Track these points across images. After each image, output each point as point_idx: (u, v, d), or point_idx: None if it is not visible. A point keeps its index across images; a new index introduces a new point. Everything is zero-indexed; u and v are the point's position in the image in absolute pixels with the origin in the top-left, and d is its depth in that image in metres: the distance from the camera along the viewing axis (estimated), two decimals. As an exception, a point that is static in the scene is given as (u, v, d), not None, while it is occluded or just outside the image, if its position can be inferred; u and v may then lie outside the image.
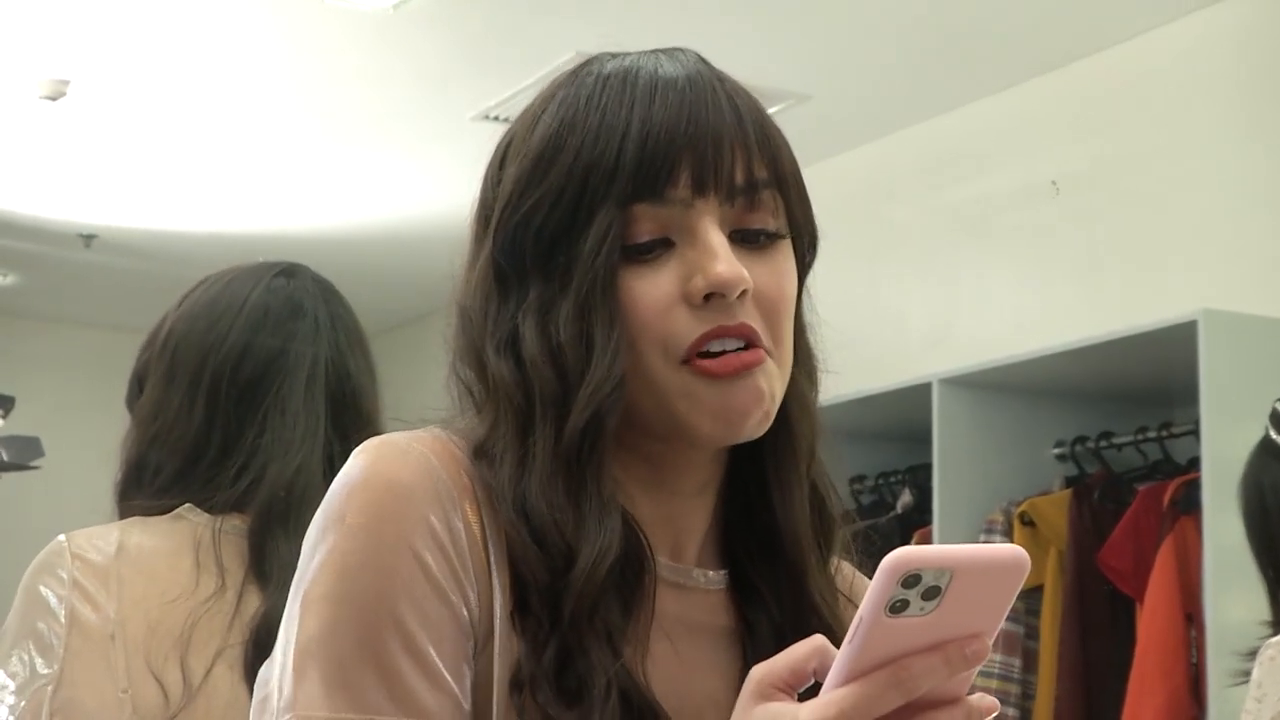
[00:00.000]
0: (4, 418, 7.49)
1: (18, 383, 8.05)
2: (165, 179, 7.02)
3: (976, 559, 1.05)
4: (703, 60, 1.35)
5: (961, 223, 5.89)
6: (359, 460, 1.27)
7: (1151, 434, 4.69)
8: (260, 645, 1.97)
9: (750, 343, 1.29)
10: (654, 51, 1.35)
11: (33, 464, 7.50)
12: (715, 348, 1.28)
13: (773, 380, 1.30)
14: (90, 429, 2.24)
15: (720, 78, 1.34)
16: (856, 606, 1.41)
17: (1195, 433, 4.31)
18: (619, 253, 1.28)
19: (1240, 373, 4.19)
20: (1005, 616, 1.10)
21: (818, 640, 1.15)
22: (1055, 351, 4.61)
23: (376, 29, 5.45)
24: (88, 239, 7.75)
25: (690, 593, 1.36)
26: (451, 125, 6.15)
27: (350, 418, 2.19)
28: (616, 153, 1.28)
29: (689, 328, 1.28)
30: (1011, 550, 1.07)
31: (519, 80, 5.66)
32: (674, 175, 1.28)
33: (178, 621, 1.98)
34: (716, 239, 1.28)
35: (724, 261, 1.27)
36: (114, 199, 7.27)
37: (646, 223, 1.29)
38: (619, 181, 1.28)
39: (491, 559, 1.26)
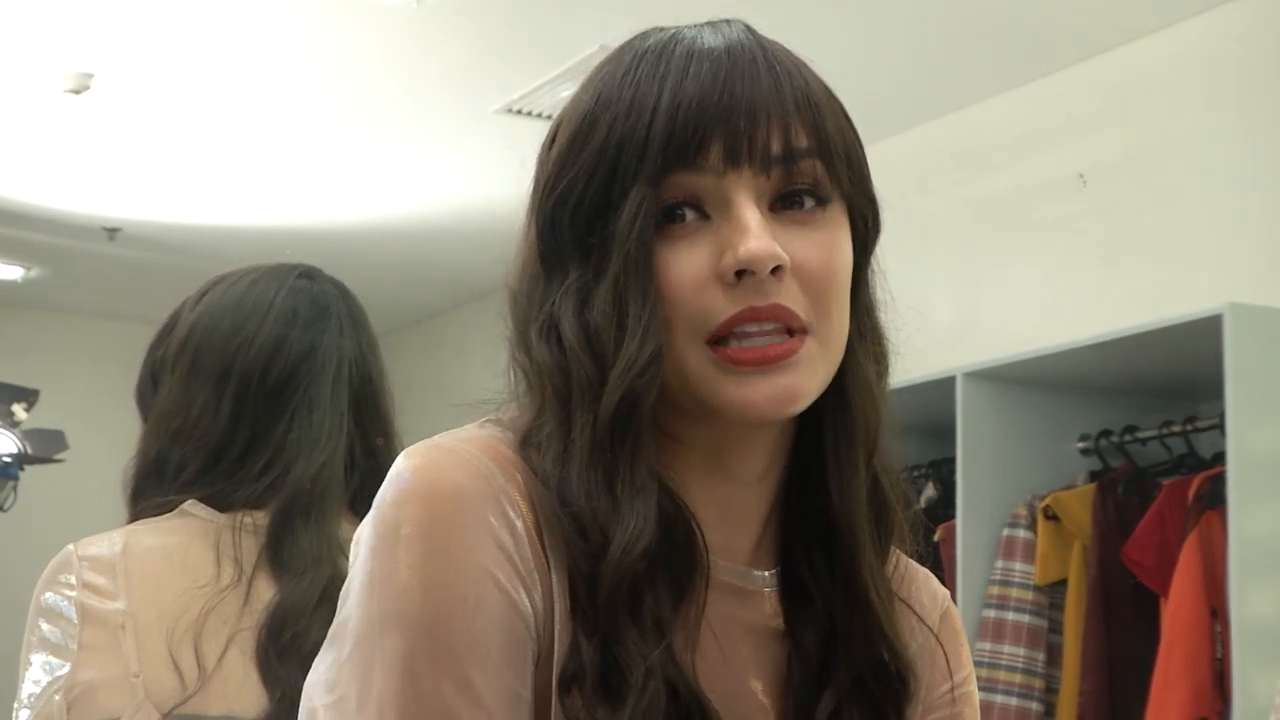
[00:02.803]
0: (28, 411, 7.52)
1: (41, 376, 8.08)
2: (189, 172, 7.03)
3: None
4: (749, 30, 1.31)
5: (987, 216, 5.88)
6: (409, 465, 1.23)
7: (1176, 428, 4.68)
8: (274, 632, 2.00)
9: (787, 326, 1.24)
10: (701, 24, 1.31)
11: (56, 457, 7.53)
12: (750, 328, 1.24)
13: (811, 367, 1.26)
14: (114, 422, 2.25)
15: (764, 46, 1.30)
16: (911, 610, 1.40)
17: (1220, 427, 4.30)
18: (653, 229, 1.24)
19: (1266, 367, 4.18)
20: None
21: None
22: (1080, 345, 4.59)
23: (401, 21, 5.45)
24: (112, 232, 7.76)
25: (742, 593, 1.33)
26: (477, 118, 6.15)
27: (370, 416, 2.22)
28: (647, 127, 1.24)
29: (721, 306, 1.23)
30: None
31: (544, 73, 5.66)
32: (705, 147, 1.24)
33: (190, 608, 2.01)
34: (749, 213, 1.24)
35: (755, 237, 1.22)
36: (138, 192, 7.28)
37: (678, 190, 1.25)
38: (650, 157, 1.24)
39: (550, 560, 1.23)
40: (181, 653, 1.98)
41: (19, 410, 7.53)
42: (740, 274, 1.23)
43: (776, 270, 1.24)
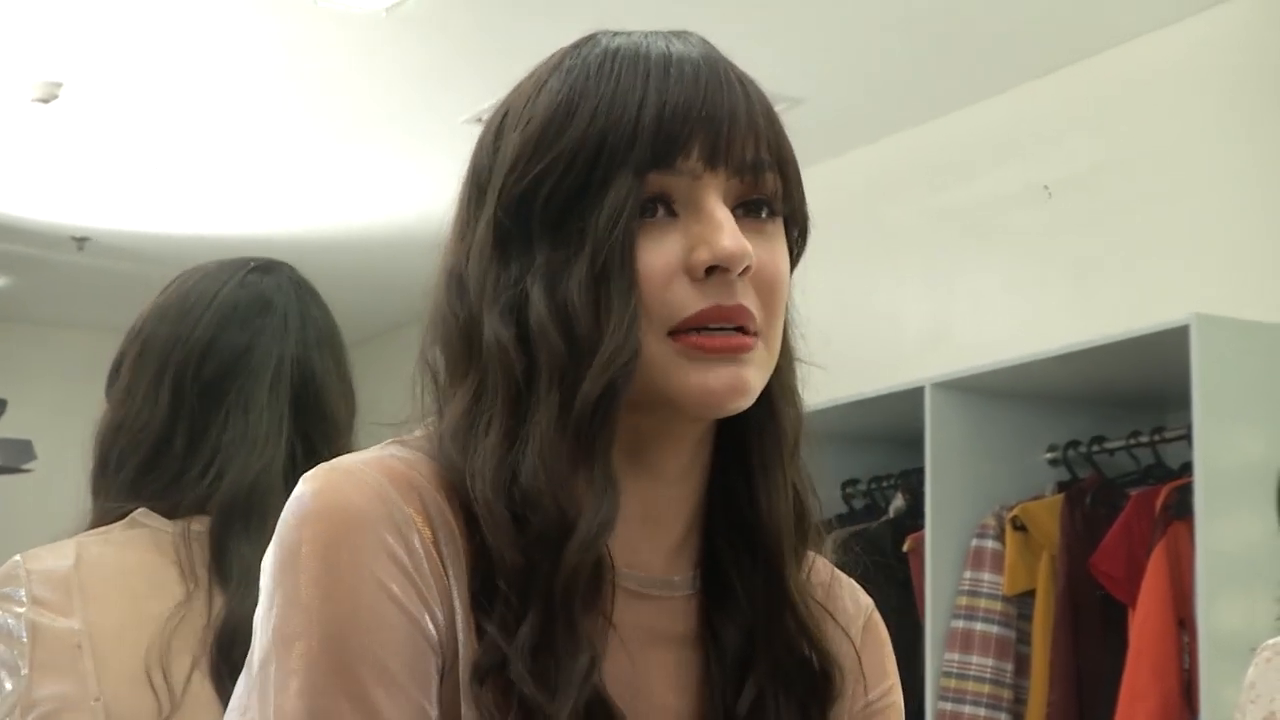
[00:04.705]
0: (-4, 421, 7.49)
1: (10, 386, 8.04)
2: (158, 181, 7.02)
3: None
4: (709, 44, 1.34)
5: (955, 227, 5.89)
6: (307, 489, 1.25)
7: (1144, 438, 4.69)
8: (224, 651, 1.96)
9: (743, 328, 1.27)
10: (660, 32, 1.34)
11: (25, 467, 7.49)
12: (712, 326, 1.26)
13: (758, 367, 1.29)
14: (83, 432, 2.22)
15: (728, 62, 1.33)
16: (834, 620, 1.39)
17: (1187, 437, 4.31)
18: (638, 220, 1.26)
19: (1232, 377, 4.20)
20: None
21: None
22: (1048, 355, 4.61)
23: (369, 32, 5.45)
24: (80, 242, 7.74)
25: (654, 601, 1.34)
26: (444, 128, 6.15)
27: (314, 419, 2.16)
28: (634, 121, 1.26)
29: (688, 301, 1.26)
30: None
31: (512, 84, 5.65)
32: (688, 146, 1.27)
33: (151, 629, 1.96)
34: (722, 213, 1.26)
35: (730, 235, 1.25)
36: (106, 202, 7.26)
37: (653, 186, 1.27)
38: (637, 149, 1.26)
39: (449, 573, 1.24)
40: (147, 676, 1.94)
41: (-14, 420, 7.50)
42: (710, 271, 1.26)
43: (744, 270, 1.26)
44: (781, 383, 1.35)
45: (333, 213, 7.36)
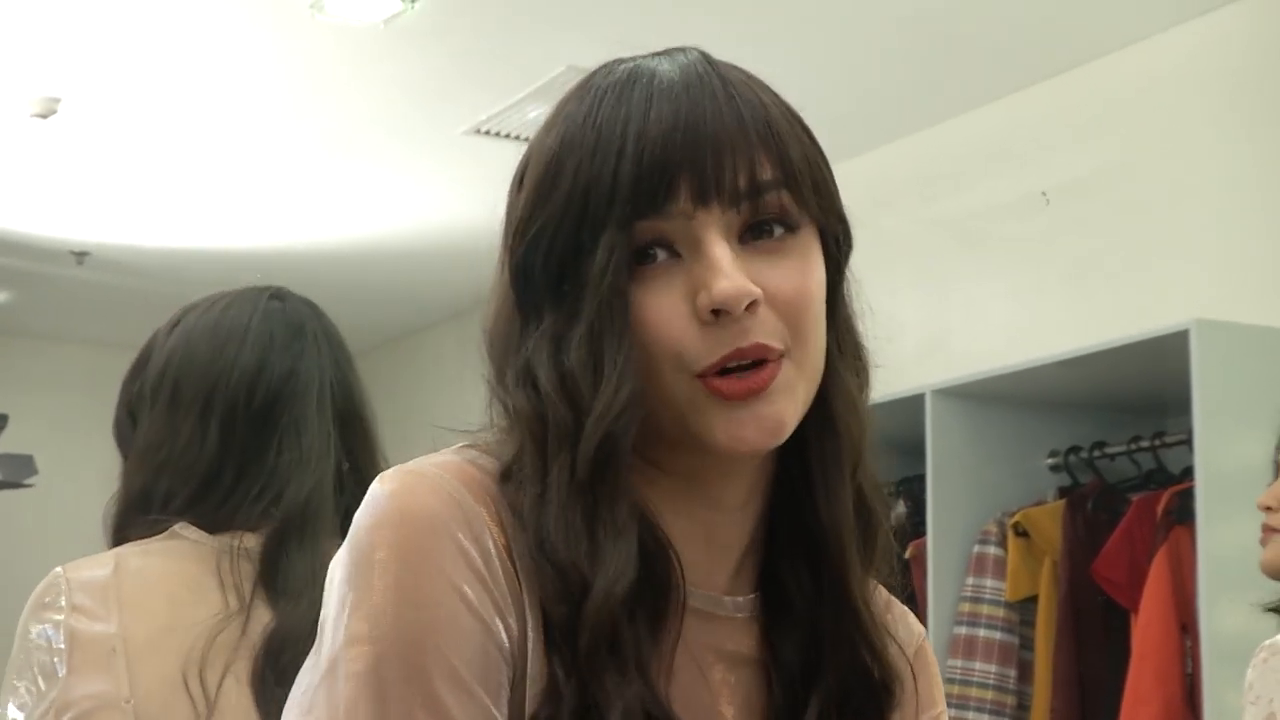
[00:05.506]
0: (-3, 436, 7.49)
1: (10, 401, 8.05)
2: (157, 195, 7.02)
3: None
4: (706, 59, 1.31)
5: (954, 234, 5.89)
6: (383, 491, 1.24)
7: (1145, 444, 4.69)
8: (271, 658, 1.99)
9: (765, 359, 1.25)
10: (657, 54, 1.31)
11: (26, 482, 7.50)
12: (732, 365, 1.24)
13: (789, 391, 1.26)
14: (84, 446, 2.24)
15: (723, 76, 1.29)
16: (892, 638, 1.38)
17: (1188, 442, 4.31)
18: (627, 274, 1.24)
19: (1233, 382, 4.20)
20: None
21: None
22: (1048, 361, 4.61)
23: (368, 44, 5.45)
24: (80, 256, 7.74)
25: (719, 621, 1.33)
26: (443, 139, 6.15)
27: (355, 433, 2.21)
28: (614, 172, 1.24)
29: (702, 348, 1.24)
30: None
31: (510, 95, 5.66)
32: (673, 189, 1.24)
33: (188, 636, 2.00)
34: (720, 251, 1.24)
35: (727, 276, 1.22)
36: (106, 216, 7.27)
37: (648, 233, 1.25)
38: (618, 203, 1.24)
39: (523, 585, 1.24)
40: (182, 682, 1.97)
41: (-12, 435, 7.50)
42: (716, 312, 1.23)
43: (751, 305, 1.24)
44: (840, 391, 1.33)
45: (332, 225, 7.36)
